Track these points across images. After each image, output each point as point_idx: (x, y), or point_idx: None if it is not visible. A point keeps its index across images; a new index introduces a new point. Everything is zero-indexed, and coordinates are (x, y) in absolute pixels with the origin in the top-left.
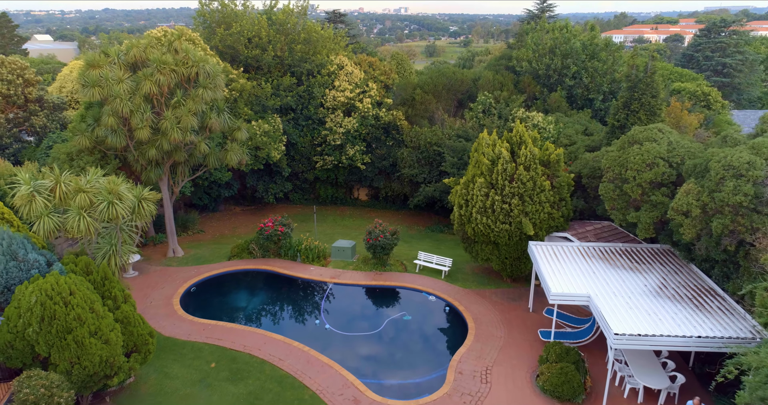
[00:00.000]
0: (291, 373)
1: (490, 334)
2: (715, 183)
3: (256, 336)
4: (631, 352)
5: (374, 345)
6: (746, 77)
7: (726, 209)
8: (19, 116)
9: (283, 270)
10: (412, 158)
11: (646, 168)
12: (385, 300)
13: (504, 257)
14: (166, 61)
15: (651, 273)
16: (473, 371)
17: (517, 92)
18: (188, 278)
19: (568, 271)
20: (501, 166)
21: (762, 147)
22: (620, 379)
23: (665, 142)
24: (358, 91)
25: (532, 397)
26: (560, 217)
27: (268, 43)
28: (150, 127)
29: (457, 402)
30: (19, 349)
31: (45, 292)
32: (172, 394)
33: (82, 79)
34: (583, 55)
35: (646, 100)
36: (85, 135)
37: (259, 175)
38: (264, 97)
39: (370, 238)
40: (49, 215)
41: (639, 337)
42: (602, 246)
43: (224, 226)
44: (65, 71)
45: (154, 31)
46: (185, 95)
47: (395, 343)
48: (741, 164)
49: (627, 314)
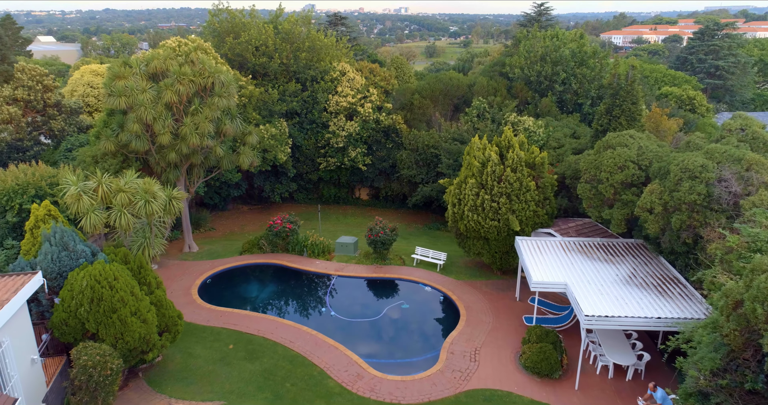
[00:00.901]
0: (301, 353)
1: (479, 320)
2: (674, 184)
3: (268, 321)
4: (603, 333)
5: (375, 330)
6: (738, 79)
7: (683, 207)
8: (37, 120)
9: (291, 264)
10: (411, 160)
11: (617, 170)
12: (385, 290)
13: (494, 251)
14: (185, 73)
15: (623, 264)
16: (463, 352)
17: (510, 97)
18: (204, 271)
19: (549, 263)
20: (490, 168)
21: (714, 152)
22: (594, 357)
23: (635, 147)
24: (359, 96)
25: (515, 373)
26: (544, 214)
27: (274, 51)
28: (170, 132)
29: (448, 377)
30: (72, 326)
31: (94, 278)
32: (196, 371)
33: (109, 89)
34: (572, 62)
35: (626, 107)
36: (110, 140)
37: (266, 175)
38: (271, 103)
39: (371, 234)
40: (94, 212)
41: (606, 318)
42: (581, 241)
43: (233, 224)
44: (76, 75)
45: (169, 42)
46: (202, 103)
47: (394, 328)
48: (695, 167)
49: (598, 299)
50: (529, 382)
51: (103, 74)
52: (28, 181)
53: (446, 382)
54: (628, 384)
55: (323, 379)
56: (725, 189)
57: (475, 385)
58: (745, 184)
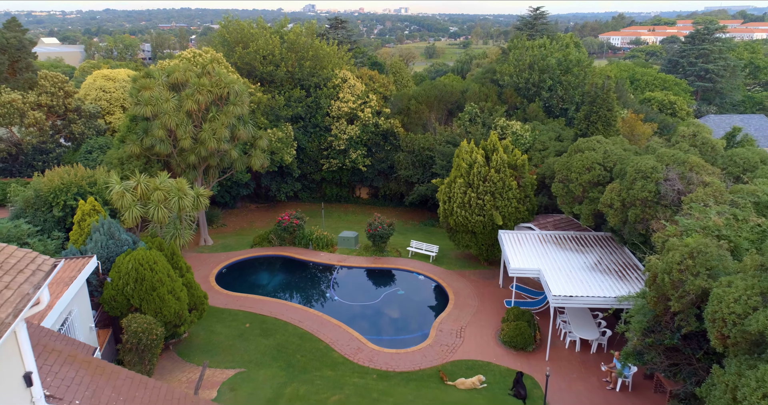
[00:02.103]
0: (309, 331)
1: (466, 304)
2: (630, 183)
3: (279, 305)
4: (572, 313)
5: (373, 312)
6: (728, 82)
7: (637, 202)
8: (58, 124)
9: (298, 255)
10: (408, 161)
11: (585, 171)
12: (383, 278)
13: (480, 244)
14: (204, 84)
15: (591, 253)
16: (451, 329)
17: (500, 103)
18: (219, 262)
19: (527, 253)
20: (476, 169)
21: (664, 156)
22: (564, 334)
23: (602, 151)
24: (359, 102)
25: (494, 347)
26: (525, 210)
27: (280, 60)
28: (191, 137)
29: (437, 351)
30: (119, 302)
31: (137, 261)
32: (219, 345)
33: (135, 98)
34: (558, 70)
35: (602, 113)
36: (135, 143)
37: (273, 176)
38: (277, 108)
39: (371, 228)
40: (135, 207)
41: (570, 298)
42: (557, 233)
43: (242, 220)
44: (89, 80)
45: (185, 53)
46: (218, 111)
47: (390, 310)
48: (647, 168)
49: (565, 282)
50: (506, 354)
51: (114, 79)
52: (71, 181)
53: (435, 354)
54: (592, 356)
55: (328, 351)
56: (671, 187)
57: (460, 357)
58: (686, 183)
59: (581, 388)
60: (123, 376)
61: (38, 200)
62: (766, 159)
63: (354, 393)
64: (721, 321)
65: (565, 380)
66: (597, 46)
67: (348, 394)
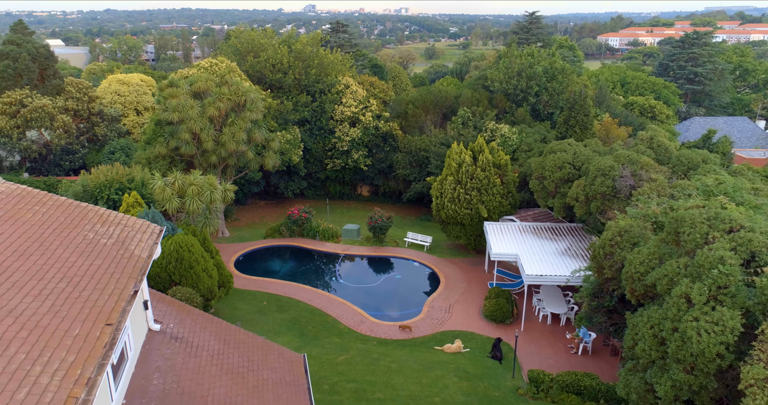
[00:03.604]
0: (318, 307)
1: (455, 286)
2: (592, 179)
3: (291, 286)
4: (545, 290)
5: (374, 292)
6: (716, 85)
7: (597, 196)
8: (82, 127)
9: (306, 245)
10: (405, 161)
11: (557, 169)
12: (382, 265)
13: (469, 235)
14: (224, 93)
15: (563, 241)
16: (441, 306)
17: (491, 107)
18: (236, 251)
19: (507, 240)
20: (464, 168)
21: (620, 156)
22: (537, 310)
23: (572, 152)
24: (361, 106)
25: (478, 321)
26: (508, 204)
27: (288, 68)
28: (212, 140)
29: (428, 323)
30: (162, 278)
31: (178, 244)
32: (241, 319)
33: (164, 106)
34: (544, 78)
35: (580, 118)
36: (162, 145)
37: (281, 174)
38: (286, 112)
39: (371, 221)
40: (173, 199)
41: (540, 276)
42: (535, 224)
43: (254, 215)
44: (104, 84)
45: (202, 62)
46: (237, 116)
47: (388, 291)
48: (606, 167)
49: (538, 264)
50: (487, 326)
51: (128, 83)
52: (113, 178)
53: (426, 326)
54: (560, 328)
55: (336, 323)
56: (625, 183)
57: (448, 328)
58: (637, 179)
59: (549, 353)
60: (197, 313)
61: (86, 194)
62: (707, 159)
63: (358, 354)
64: (631, 278)
65: (536, 346)
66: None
67: (353, 354)
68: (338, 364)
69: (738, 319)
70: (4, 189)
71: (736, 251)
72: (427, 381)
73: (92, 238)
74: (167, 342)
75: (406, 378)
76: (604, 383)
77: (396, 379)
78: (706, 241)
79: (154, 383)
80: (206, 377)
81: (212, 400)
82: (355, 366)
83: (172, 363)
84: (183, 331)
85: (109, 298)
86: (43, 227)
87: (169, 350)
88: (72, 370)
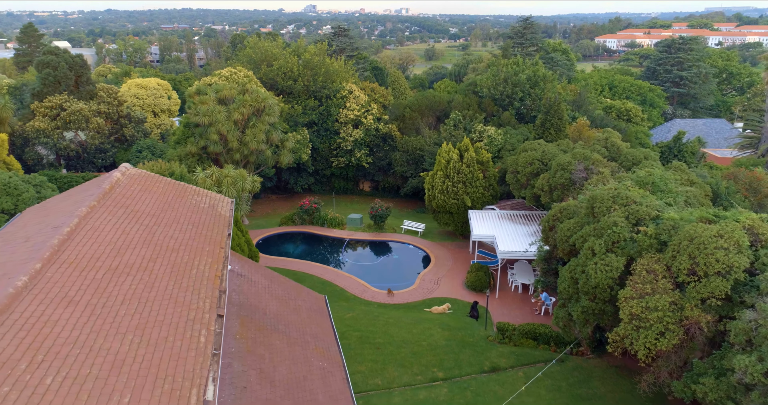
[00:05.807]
0: (328, 280)
1: (443, 264)
2: (554, 173)
3: (305, 264)
4: (518, 266)
5: (375, 269)
6: (701, 88)
7: (558, 187)
8: (113, 128)
9: (316, 231)
10: (403, 159)
11: (528, 165)
12: (382, 247)
13: (457, 222)
14: (246, 99)
15: (533, 225)
16: (430, 280)
17: (480, 111)
18: (255, 236)
19: (487, 225)
20: (452, 164)
21: (577, 154)
22: (511, 282)
23: (540, 150)
24: (363, 110)
25: (460, 290)
26: (489, 196)
27: (298, 76)
28: (237, 140)
29: (420, 292)
30: None
31: None
32: None
33: (195, 110)
34: (527, 84)
35: (554, 121)
36: (193, 144)
37: (291, 171)
38: (296, 115)
39: (372, 210)
40: (212, 188)
41: (510, 252)
42: (512, 212)
43: (267, 207)
44: (123, 88)
45: (223, 72)
46: (257, 120)
47: (387, 268)
48: (564, 163)
49: (511, 243)
50: (468, 294)
51: (146, 87)
52: (159, 171)
53: (418, 294)
54: (529, 296)
55: (343, 292)
56: (579, 175)
57: (436, 295)
58: (588, 172)
59: (517, 314)
60: (250, 261)
61: None
62: (648, 156)
63: (362, 313)
64: (561, 241)
65: (507, 309)
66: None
67: (357, 313)
68: (346, 320)
69: (622, 262)
70: (135, 172)
71: (628, 218)
72: (417, 331)
73: (195, 203)
74: (236, 277)
75: (400, 329)
76: (555, 331)
77: (392, 330)
78: (609, 211)
79: (233, 297)
80: (262, 299)
81: (268, 311)
82: (360, 321)
83: (241, 289)
84: (243, 271)
85: (218, 234)
86: (167, 195)
87: (237, 281)
88: (213, 264)
